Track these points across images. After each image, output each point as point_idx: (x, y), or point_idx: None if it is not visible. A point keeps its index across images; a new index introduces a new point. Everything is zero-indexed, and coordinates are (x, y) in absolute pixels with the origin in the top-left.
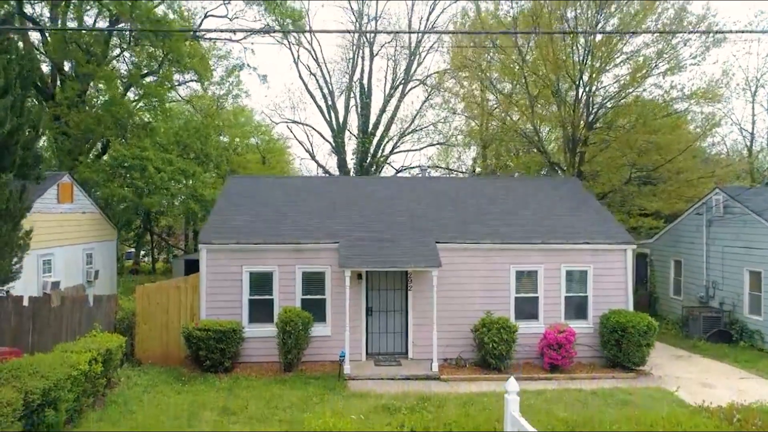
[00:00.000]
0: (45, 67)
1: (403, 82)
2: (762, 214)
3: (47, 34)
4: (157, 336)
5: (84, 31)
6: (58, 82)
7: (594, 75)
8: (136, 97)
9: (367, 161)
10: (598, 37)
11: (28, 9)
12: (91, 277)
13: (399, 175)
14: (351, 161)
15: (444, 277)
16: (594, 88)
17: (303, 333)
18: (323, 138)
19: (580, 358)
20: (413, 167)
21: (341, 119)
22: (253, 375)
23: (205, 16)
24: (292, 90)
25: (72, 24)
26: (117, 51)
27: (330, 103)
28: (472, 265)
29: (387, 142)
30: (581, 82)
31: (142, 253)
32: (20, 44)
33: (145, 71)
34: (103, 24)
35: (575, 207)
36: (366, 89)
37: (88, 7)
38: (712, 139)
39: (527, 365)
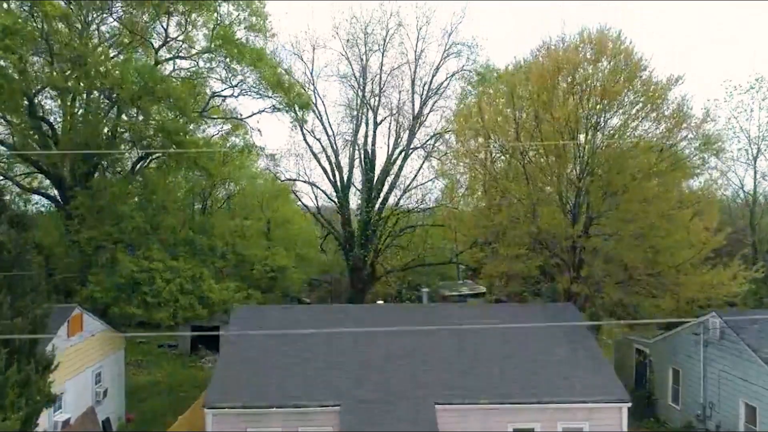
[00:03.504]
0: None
1: (405, 149)
2: (758, 351)
3: (58, 133)
4: None
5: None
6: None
7: (594, 169)
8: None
9: (371, 221)
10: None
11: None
12: (100, 396)
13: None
14: (355, 217)
15: None
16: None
17: None
18: (327, 196)
19: None
20: (418, 226)
21: (345, 176)
22: None
23: (212, 96)
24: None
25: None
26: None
27: (334, 161)
28: (470, 422)
29: (395, 207)
30: (583, 187)
31: None
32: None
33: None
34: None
35: (572, 348)
36: (370, 155)
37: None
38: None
39: None
